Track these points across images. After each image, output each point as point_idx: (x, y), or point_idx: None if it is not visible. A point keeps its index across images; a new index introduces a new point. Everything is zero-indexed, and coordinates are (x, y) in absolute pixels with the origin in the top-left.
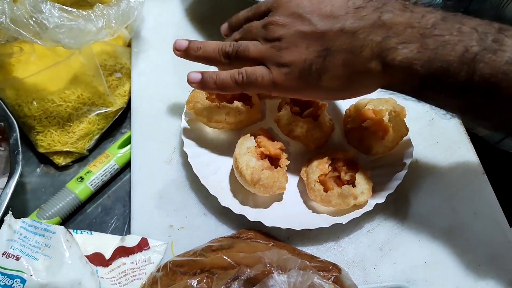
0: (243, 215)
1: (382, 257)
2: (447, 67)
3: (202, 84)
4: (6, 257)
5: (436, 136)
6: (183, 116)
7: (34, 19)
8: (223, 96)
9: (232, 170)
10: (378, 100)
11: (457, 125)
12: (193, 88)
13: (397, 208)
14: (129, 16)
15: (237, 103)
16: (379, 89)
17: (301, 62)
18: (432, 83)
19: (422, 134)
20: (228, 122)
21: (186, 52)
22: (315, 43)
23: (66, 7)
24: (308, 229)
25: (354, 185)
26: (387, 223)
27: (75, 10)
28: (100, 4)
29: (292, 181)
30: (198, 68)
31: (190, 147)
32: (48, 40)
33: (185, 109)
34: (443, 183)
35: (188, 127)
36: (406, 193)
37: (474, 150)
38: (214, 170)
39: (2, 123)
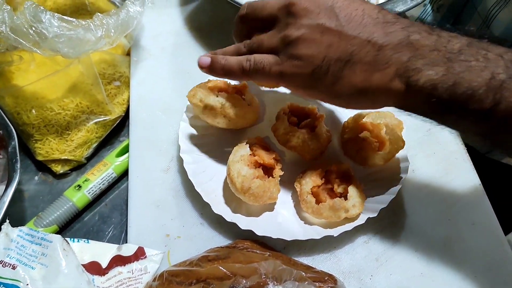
0: (238, 225)
1: (378, 268)
2: (472, 93)
3: (210, 68)
4: (2, 266)
5: (433, 147)
6: (181, 122)
7: (33, 28)
8: (224, 90)
9: (226, 177)
10: (376, 113)
11: (454, 136)
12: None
13: (393, 219)
14: (128, 26)
15: (235, 95)
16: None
17: (318, 59)
18: (455, 108)
19: (419, 145)
20: (224, 113)
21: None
22: (338, 44)
23: (65, 17)
24: (304, 240)
25: (346, 198)
26: (384, 233)
27: (74, 19)
28: (99, 14)
29: (287, 191)
30: (195, 77)
31: (186, 153)
32: (47, 50)
33: (183, 115)
34: (439, 194)
35: (186, 133)
36: (402, 204)
37: (471, 161)
38: (209, 177)
39: (0, 131)
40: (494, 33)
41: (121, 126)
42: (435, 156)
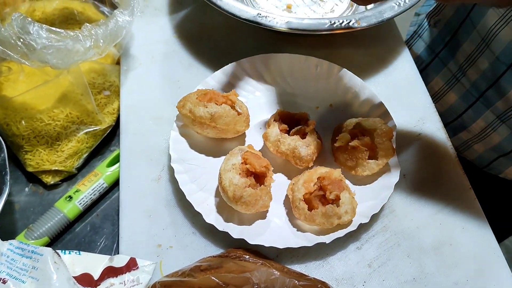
0: (230, 234)
1: (371, 274)
2: None
3: None
4: None
5: (424, 152)
6: (171, 131)
7: (22, 40)
8: (214, 100)
9: (218, 186)
10: (366, 121)
11: (443, 141)
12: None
13: (385, 224)
14: (117, 35)
15: (224, 106)
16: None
17: None
18: None
19: (410, 149)
20: (213, 124)
21: None
22: None
23: (53, 28)
24: (297, 247)
25: (338, 205)
26: (376, 239)
27: (62, 31)
28: (88, 24)
29: (279, 198)
30: (185, 85)
31: (177, 162)
32: (36, 61)
33: (174, 124)
34: (430, 198)
35: (177, 142)
36: (394, 209)
37: (461, 165)
38: (201, 186)
39: None
40: (494, 52)
41: (111, 135)
42: (426, 161)
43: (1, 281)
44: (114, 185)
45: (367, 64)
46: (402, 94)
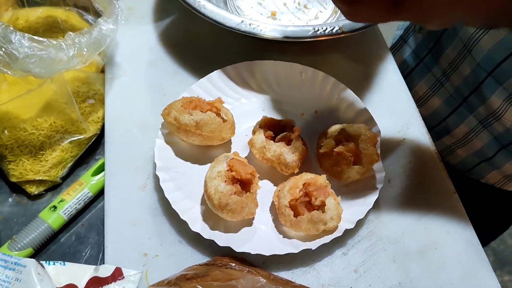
0: (216, 242)
1: (357, 280)
2: None
3: None
4: None
5: (408, 157)
6: (156, 139)
7: (3, 49)
8: (199, 107)
9: (204, 194)
10: (351, 126)
11: (428, 145)
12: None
13: (370, 229)
14: (101, 44)
15: (210, 113)
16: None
17: None
18: None
19: (394, 154)
20: (198, 131)
21: None
22: None
23: (36, 37)
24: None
25: (324, 211)
26: (361, 244)
27: (45, 39)
28: (71, 33)
29: (265, 205)
30: (171, 93)
31: (162, 170)
32: (18, 70)
33: (159, 131)
34: (415, 203)
35: (162, 150)
36: (379, 214)
37: (445, 170)
38: (187, 194)
39: None
40: (475, 59)
41: (96, 144)
42: (410, 166)
43: None
44: (99, 194)
45: (351, 70)
46: (387, 100)
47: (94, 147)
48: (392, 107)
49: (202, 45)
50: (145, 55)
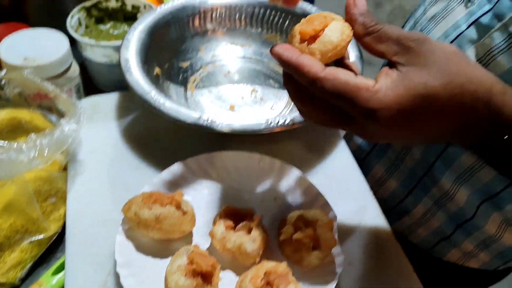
0: None
1: None
2: None
3: None
4: None
5: (366, 239)
6: (117, 236)
7: None
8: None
9: None
10: (308, 212)
11: (385, 227)
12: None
13: None
14: (63, 144)
15: (169, 207)
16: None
17: None
18: None
19: (353, 237)
20: (158, 226)
21: None
22: None
23: None
24: None
25: None
26: None
27: (5, 143)
28: (33, 135)
29: None
30: (133, 188)
31: (123, 266)
32: None
33: (120, 228)
34: (376, 284)
35: (123, 246)
36: None
37: (403, 250)
38: None
39: None
40: None
41: (58, 241)
42: (369, 247)
43: None
44: None
45: (306, 156)
46: (342, 184)
47: (55, 245)
48: (347, 191)
49: (164, 139)
50: (108, 151)
